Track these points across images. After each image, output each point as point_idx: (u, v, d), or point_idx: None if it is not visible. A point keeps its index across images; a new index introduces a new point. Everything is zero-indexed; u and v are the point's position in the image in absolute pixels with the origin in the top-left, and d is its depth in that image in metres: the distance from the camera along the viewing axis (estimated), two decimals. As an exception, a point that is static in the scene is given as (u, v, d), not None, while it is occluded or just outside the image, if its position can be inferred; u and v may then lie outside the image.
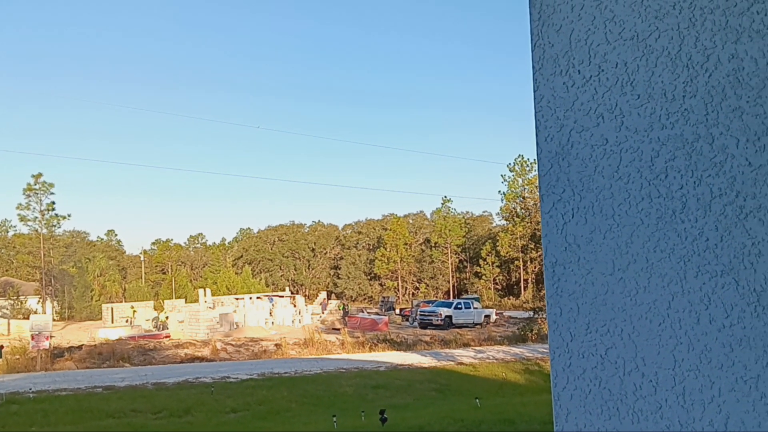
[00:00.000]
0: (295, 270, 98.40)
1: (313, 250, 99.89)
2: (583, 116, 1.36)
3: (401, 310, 58.92)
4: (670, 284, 1.25)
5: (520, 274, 77.45)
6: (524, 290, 75.20)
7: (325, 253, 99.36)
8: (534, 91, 1.43)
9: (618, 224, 1.31)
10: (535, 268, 72.89)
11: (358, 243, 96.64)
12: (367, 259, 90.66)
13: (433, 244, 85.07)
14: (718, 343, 1.20)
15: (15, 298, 61.44)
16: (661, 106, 1.28)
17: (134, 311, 50.58)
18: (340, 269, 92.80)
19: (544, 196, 1.41)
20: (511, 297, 77.30)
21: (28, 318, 39.39)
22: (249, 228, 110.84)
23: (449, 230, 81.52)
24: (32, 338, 29.47)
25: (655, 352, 1.27)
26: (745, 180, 1.20)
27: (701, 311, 1.22)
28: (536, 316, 43.61)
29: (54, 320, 50.71)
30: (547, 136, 1.40)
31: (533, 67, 1.43)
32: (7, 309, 59.95)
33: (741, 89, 1.21)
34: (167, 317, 46.62)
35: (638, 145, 1.30)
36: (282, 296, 54.69)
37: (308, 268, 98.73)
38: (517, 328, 42.36)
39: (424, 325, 45.78)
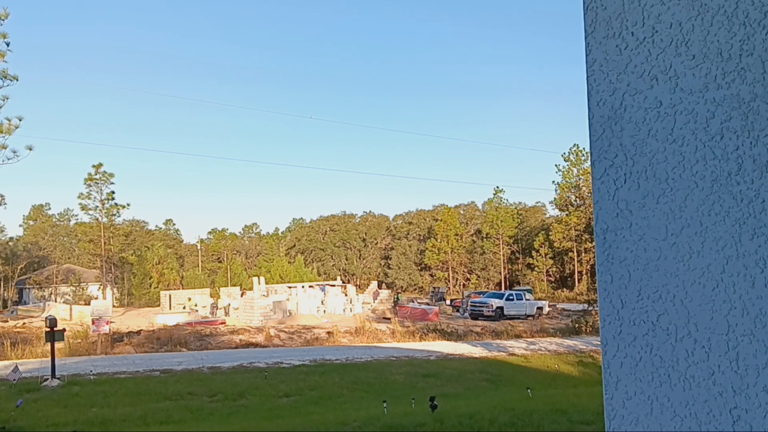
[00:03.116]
0: (347, 260, 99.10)
1: (363, 240, 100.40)
2: (637, 79, 1.34)
3: (452, 300, 58.73)
4: (724, 248, 1.23)
5: (574, 265, 76.21)
6: (578, 282, 73.97)
7: (376, 243, 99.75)
8: (586, 55, 1.41)
9: (671, 188, 1.29)
10: (589, 259, 71.55)
11: (408, 233, 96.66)
12: (418, 249, 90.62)
13: (484, 235, 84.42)
14: (774, 307, 1.18)
15: (77, 284, 63.72)
16: (717, 65, 1.25)
17: (189, 300, 51.96)
18: (390, 259, 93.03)
19: (596, 162, 1.40)
20: (564, 289, 76.13)
21: (89, 304, 40.77)
22: (302, 218, 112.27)
23: (501, 221, 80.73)
24: (93, 323, 30.44)
25: (708, 318, 1.25)
26: (804, 139, 1.17)
27: (756, 275, 1.20)
28: (591, 308, 42.89)
29: (114, 306, 52.38)
30: (600, 101, 1.39)
31: (585, 30, 1.41)
32: (70, 295, 62.26)
33: (801, 46, 1.17)
34: (229, 304, 47.59)
35: (693, 106, 1.27)
36: (334, 285, 55.20)
37: (359, 258, 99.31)
38: (571, 321, 41.72)
39: (474, 316, 45.58)
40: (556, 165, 75.25)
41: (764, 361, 1.18)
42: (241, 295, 49.99)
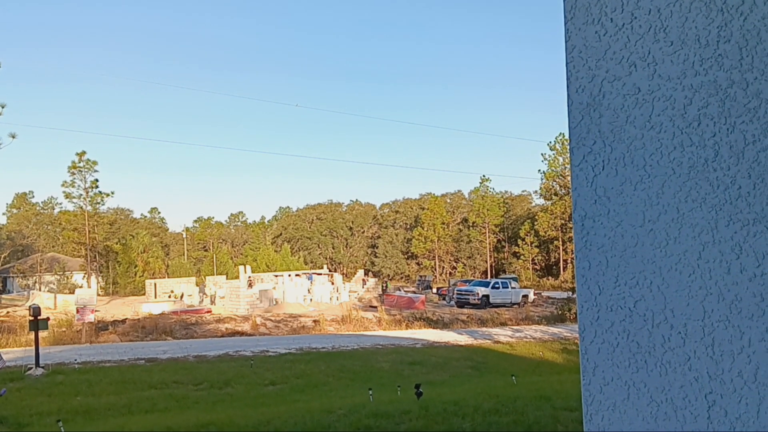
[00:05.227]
0: (333, 248, 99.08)
1: (350, 228, 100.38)
2: (615, 65, 1.34)
3: (438, 289, 58.91)
4: (701, 234, 1.23)
5: (559, 254, 76.68)
6: (563, 270, 74.48)
7: (363, 232, 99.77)
8: (565, 42, 1.41)
9: (649, 175, 1.29)
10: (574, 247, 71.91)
11: (395, 222, 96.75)
12: (405, 238, 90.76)
13: (470, 224, 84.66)
14: (749, 293, 1.18)
15: (61, 273, 63.25)
16: (695, 52, 1.25)
17: (173, 292, 51.83)
18: (377, 248, 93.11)
19: (574, 149, 1.40)
20: (549, 277, 76.65)
21: (73, 293, 40.45)
22: (288, 206, 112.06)
23: (487, 209, 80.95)
24: (77, 312, 30.23)
25: (684, 304, 1.25)
26: (780, 126, 1.17)
27: (732, 261, 1.20)
28: (575, 296, 43.11)
29: (99, 295, 52.14)
30: (579, 87, 1.38)
31: (565, 16, 1.41)
32: (54, 284, 61.82)
33: (778, 32, 1.17)
34: (215, 292, 47.39)
35: (671, 93, 1.27)
36: (320, 274, 55.16)
37: (346, 247, 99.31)
38: (556, 308, 42.01)
39: (461, 304, 45.76)
40: (542, 154, 75.56)
41: (739, 347, 1.19)
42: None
